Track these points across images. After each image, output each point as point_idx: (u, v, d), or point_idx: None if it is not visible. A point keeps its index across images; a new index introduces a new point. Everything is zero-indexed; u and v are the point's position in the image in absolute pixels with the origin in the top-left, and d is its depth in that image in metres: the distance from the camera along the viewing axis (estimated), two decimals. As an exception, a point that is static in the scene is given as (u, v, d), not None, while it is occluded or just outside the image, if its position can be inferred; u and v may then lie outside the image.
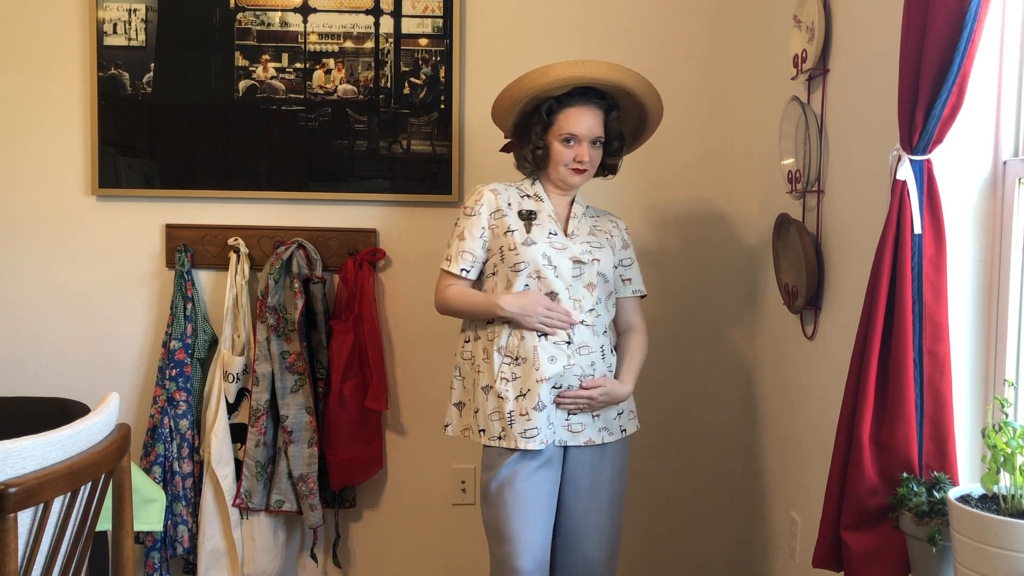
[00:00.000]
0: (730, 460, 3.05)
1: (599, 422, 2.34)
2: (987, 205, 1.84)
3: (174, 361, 2.86)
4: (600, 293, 2.34)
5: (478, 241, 2.34)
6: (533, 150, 2.36)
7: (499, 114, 2.41)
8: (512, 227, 2.32)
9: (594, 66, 2.28)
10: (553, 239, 2.33)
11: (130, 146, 2.94)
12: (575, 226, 2.38)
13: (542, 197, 2.38)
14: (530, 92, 2.30)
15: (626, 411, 2.41)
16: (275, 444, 2.86)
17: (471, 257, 2.35)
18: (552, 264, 2.29)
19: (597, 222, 2.44)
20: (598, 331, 2.33)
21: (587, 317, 2.31)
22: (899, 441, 1.75)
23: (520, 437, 2.24)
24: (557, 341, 2.27)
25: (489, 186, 2.38)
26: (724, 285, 3.02)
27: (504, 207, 2.34)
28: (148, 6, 2.90)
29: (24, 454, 1.51)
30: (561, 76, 2.27)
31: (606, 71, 2.29)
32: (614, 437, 2.36)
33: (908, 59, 1.73)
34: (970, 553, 1.51)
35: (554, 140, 2.33)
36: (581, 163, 2.31)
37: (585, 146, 2.31)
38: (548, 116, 2.33)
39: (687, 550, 3.08)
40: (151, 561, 2.85)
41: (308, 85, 2.93)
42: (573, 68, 2.27)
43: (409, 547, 3.08)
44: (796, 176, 2.51)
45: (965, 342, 1.85)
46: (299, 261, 2.85)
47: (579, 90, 2.32)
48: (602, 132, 2.34)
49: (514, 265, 2.29)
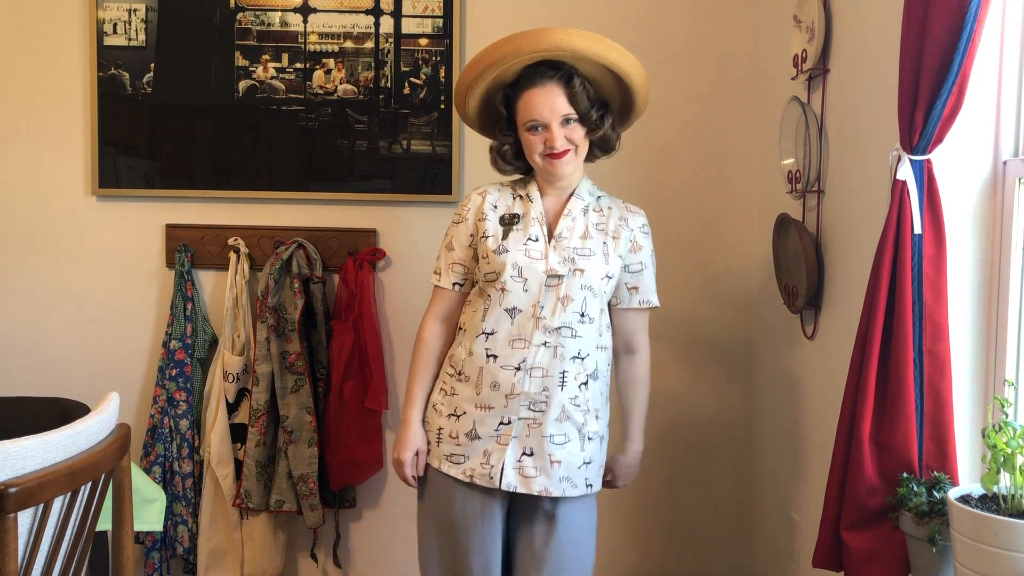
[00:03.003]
0: (730, 460, 3.05)
1: (559, 469, 2.02)
2: (987, 205, 1.84)
3: (174, 361, 2.87)
4: (580, 307, 2.05)
5: (468, 250, 2.15)
6: (500, 147, 2.16)
7: (462, 116, 2.24)
8: (488, 232, 2.10)
9: (525, 38, 2.02)
10: (530, 246, 2.06)
11: (130, 146, 2.94)
12: (565, 227, 2.09)
13: (532, 197, 2.13)
14: (471, 83, 2.10)
15: (595, 463, 2.09)
16: (275, 444, 2.86)
17: (462, 269, 2.15)
18: (522, 276, 2.04)
19: (603, 218, 2.14)
20: (565, 354, 2.02)
21: (550, 338, 2.02)
22: (899, 441, 1.75)
23: (444, 459, 2.07)
24: (506, 365, 2.01)
25: (479, 189, 2.19)
26: (724, 285, 3.02)
27: (488, 210, 2.13)
28: (148, 6, 2.90)
29: (24, 454, 1.51)
30: (494, 58, 2.04)
31: (541, 40, 2.01)
32: (578, 491, 2.05)
33: (908, 59, 1.73)
34: (970, 553, 1.51)
35: (522, 131, 2.09)
36: (554, 148, 2.04)
37: (555, 128, 2.03)
38: (506, 108, 2.11)
39: (687, 550, 3.08)
40: (151, 561, 2.85)
41: (308, 85, 2.93)
42: (500, 48, 2.04)
43: (409, 547, 3.07)
44: (796, 176, 2.51)
45: (965, 342, 1.85)
46: (299, 261, 2.85)
47: (530, 69, 2.06)
48: (569, 108, 2.04)
49: (486, 275, 2.08)
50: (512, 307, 2.04)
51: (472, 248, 2.15)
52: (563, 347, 2.03)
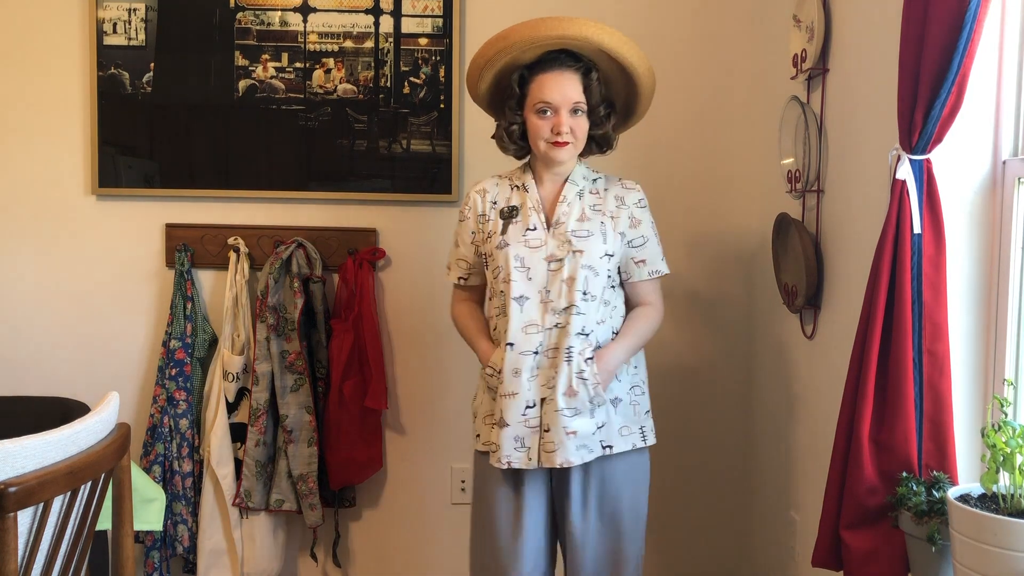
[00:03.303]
0: (730, 460, 3.05)
1: (575, 439, 2.11)
2: (986, 205, 1.84)
3: (174, 360, 2.87)
4: (585, 286, 2.13)
5: (470, 247, 2.29)
6: (508, 126, 2.20)
7: (471, 89, 2.27)
8: (492, 230, 2.22)
9: (556, 23, 2.08)
10: (529, 236, 2.16)
11: (130, 146, 2.94)
12: (563, 211, 2.17)
13: (528, 187, 2.21)
14: (492, 58, 2.14)
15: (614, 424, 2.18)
16: (275, 443, 2.86)
17: (466, 264, 2.31)
18: (524, 266, 2.14)
19: (600, 199, 2.21)
20: (571, 331, 2.11)
21: (560, 319, 2.12)
22: (898, 440, 1.75)
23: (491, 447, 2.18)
24: (524, 351, 2.12)
25: (477, 186, 2.27)
26: (724, 284, 3.02)
27: (488, 209, 2.24)
28: (148, 6, 2.90)
29: (24, 453, 1.51)
30: (522, 37, 2.09)
31: (570, 27, 2.08)
32: (594, 455, 2.15)
33: (908, 59, 1.73)
34: (969, 552, 1.51)
35: (529, 113, 2.15)
36: (560, 134, 2.11)
37: (563, 115, 2.11)
38: (520, 87, 2.16)
39: (687, 550, 3.08)
40: (151, 560, 2.85)
41: (308, 85, 2.93)
42: (534, 28, 2.08)
43: (409, 547, 3.08)
44: (796, 176, 2.51)
45: (964, 341, 1.85)
46: (299, 260, 2.85)
47: (550, 55, 2.14)
48: (582, 98, 2.13)
49: (494, 271, 2.21)
50: (520, 295, 2.14)
51: (475, 245, 2.28)
52: (571, 325, 2.12)
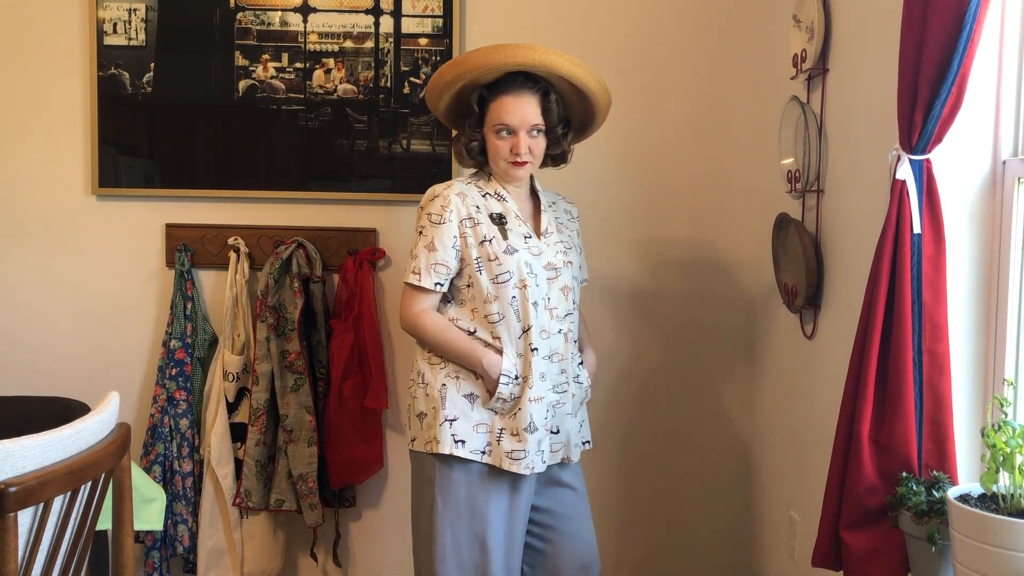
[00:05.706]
0: (730, 460, 3.05)
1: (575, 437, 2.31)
2: (986, 205, 1.84)
3: (174, 360, 2.87)
4: (574, 296, 2.26)
5: (451, 252, 2.17)
6: (468, 143, 2.23)
7: (431, 106, 2.31)
8: (488, 235, 2.17)
9: (514, 50, 2.12)
10: (530, 243, 2.20)
11: (130, 146, 2.94)
12: (547, 223, 2.26)
13: (504, 196, 2.23)
14: (450, 81, 2.18)
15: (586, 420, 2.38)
16: (275, 443, 2.86)
17: (445, 270, 2.17)
18: (532, 272, 2.17)
19: (557, 213, 2.32)
20: (571, 337, 2.24)
21: (563, 325, 2.21)
22: (898, 440, 1.75)
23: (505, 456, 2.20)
24: (545, 356, 2.19)
25: (452, 189, 2.21)
26: (724, 285, 3.02)
27: (474, 212, 2.19)
28: (148, 6, 2.90)
29: (24, 453, 1.51)
30: (480, 64, 2.13)
31: (529, 55, 2.12)
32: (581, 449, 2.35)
33: (907, 59, 1.73)
34: (969, 552, 1.51)
35: (489, 132, 2.19)
36: (519, 155, 2.16)
37: (522, 136, 2.15)
38: (479, 107, 2.20)
39: (686, 550, 3.08)
40: (151, 560, 2.86)
41: (308, 85, 2.93)
42: (491, 55, 2.12)
43: (409, 547, 3.07)
44: (796, 176, 2.51)
45: (964, 342, 1.85)
46: (299, 260, 2.86)
47: (510, 76, 2.17)
48: (540, 120, 2.18)
49: (496, 276, 2.15)
50: (534, 301, 2.17)
51: (456, 250, 2.18)
52: (571, 331, 2.24)
